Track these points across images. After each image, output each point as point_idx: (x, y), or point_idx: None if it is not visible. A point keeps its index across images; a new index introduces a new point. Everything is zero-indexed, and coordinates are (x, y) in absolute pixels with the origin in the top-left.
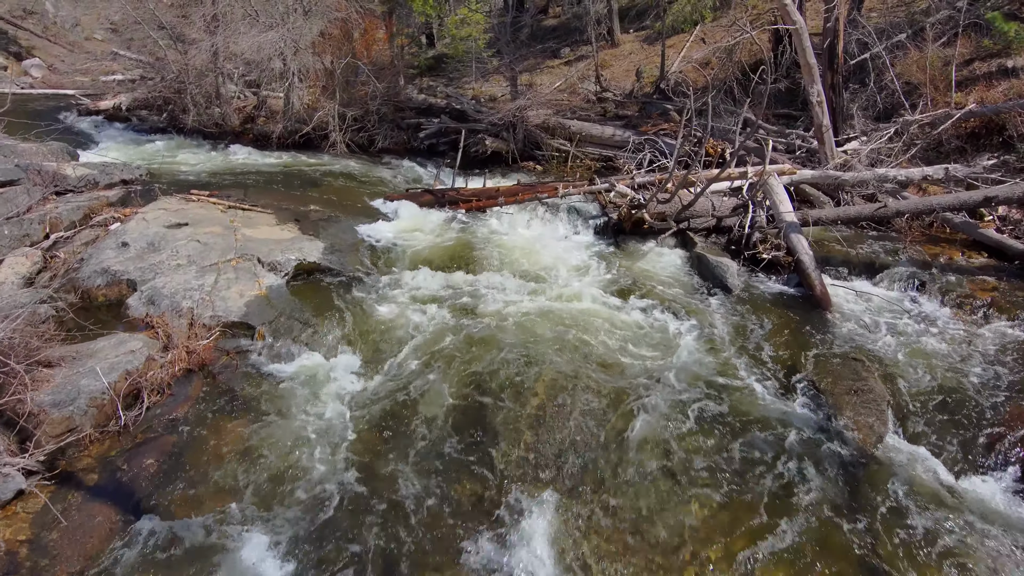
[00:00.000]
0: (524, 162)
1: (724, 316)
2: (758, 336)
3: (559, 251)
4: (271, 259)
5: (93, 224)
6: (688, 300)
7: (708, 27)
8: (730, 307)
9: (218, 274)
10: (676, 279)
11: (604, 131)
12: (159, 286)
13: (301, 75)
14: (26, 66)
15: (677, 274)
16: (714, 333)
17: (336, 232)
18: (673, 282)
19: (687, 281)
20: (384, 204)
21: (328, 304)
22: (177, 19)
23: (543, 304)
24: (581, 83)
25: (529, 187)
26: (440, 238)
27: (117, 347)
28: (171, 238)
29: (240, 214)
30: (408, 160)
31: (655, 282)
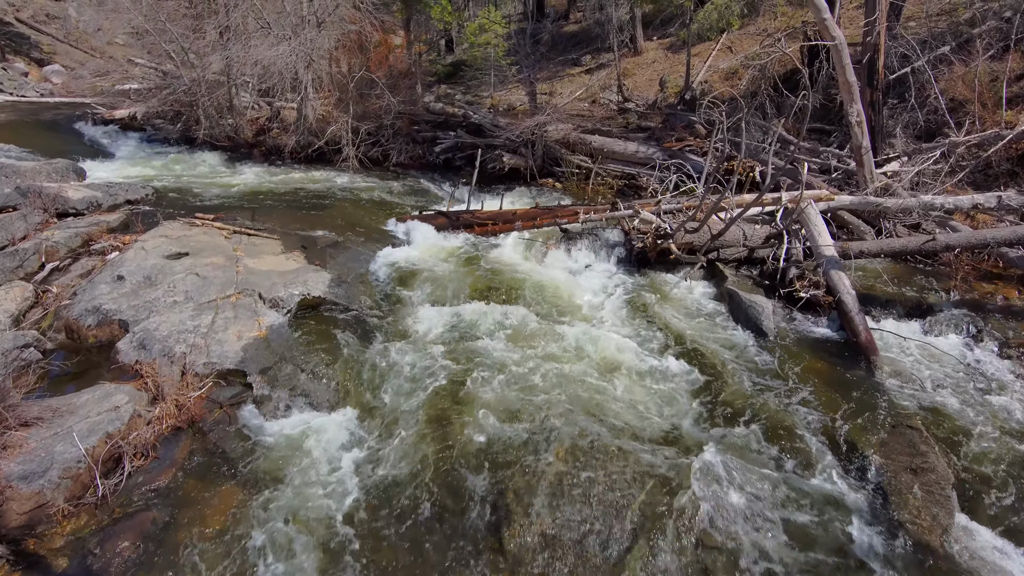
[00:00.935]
0: (543, 179)
1: (759, 366)
2: (799, 393)
3: (580, 284)
4: (273, 294)
5: (92, 252)
6: (720, 347)
7: (735, 35)
8: (766, 355)
9: (216, 313)
10: (706, 320)
11: (627, 147)
12: (152, 328)
13: (314, 87)
14: (46, 72)
15: (707, 313)
16: (749, 388)
17: (344, 261)
18: (703, 323)
19: (719, 322)
20: (396, 226)
21: (331, 347)
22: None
23: (563, 351)
24: (602, 92)
25: (548, 211)
26: (453, 267)
27: (101, 402)
28: (169, 271)
29: (245, 240)
30: (423, 175)
31: (684, 323)
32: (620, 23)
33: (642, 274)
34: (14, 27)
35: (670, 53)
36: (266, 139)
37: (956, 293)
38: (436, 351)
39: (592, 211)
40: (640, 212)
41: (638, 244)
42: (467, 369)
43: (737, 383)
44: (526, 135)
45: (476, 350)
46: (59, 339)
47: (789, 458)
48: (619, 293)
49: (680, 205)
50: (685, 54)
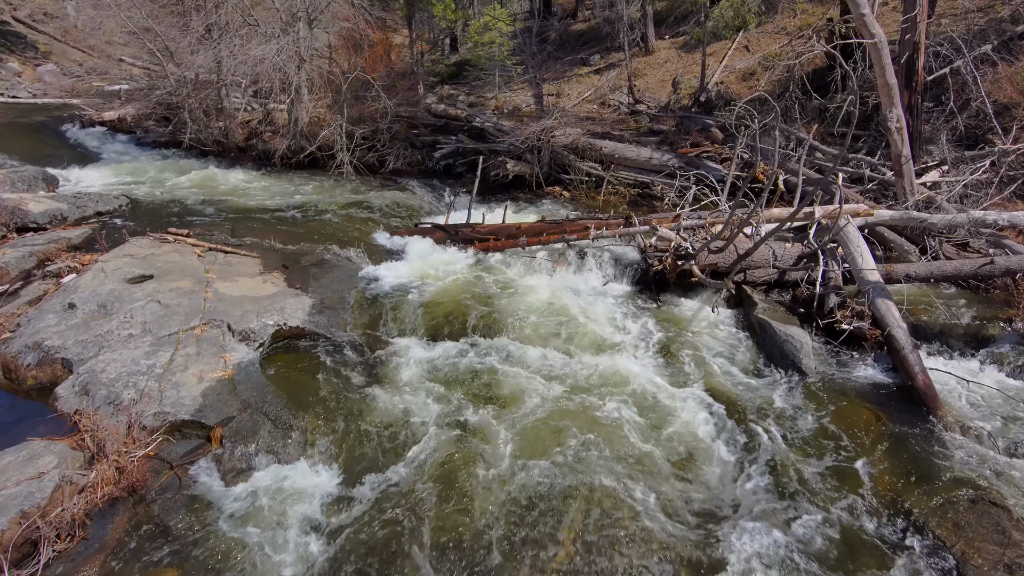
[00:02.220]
0: (550, 187)
1: (798, 416)
2: (846, 452)
3: (591, 309)
4: (244, 325)
5: (46, 274)
6: (752, 389)
7: (752, 34)
8: (806, 400)
9: (176, 349)
10: (734, 354)
11: (640, 153)
12: (98, 368)
13: (307, 89)
14: (41, 72)
15: (735, 345)
16: (787, 444)
17: (329, 282)
18: (731, 359)
19: (748, 358)
20: (390, 240)
21: (307, 390)
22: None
23: (572, 391)
24: (612, 94)
25: (555, 225)
26: (450, 288)
27: (23, 466)
28: (128, 297)
29: (220, 259)
30: (421, 183)
31: (709, 358)
32: (631, 21)
33: (660, 298)
34: (11, 26)
35: (683, 53)
36: (257, 143)
37: (1020, 323)
38: (428, 394)
39: (604, 226)
40: (658, 229)
41: (655, 264)
42: (462, 419)
43: (772, 436)
44: (532, 140)
45: (473, 392)
46: None
47: (840, 541)
48: (634, 320)
49: (702, 221)
50: (699, 54)
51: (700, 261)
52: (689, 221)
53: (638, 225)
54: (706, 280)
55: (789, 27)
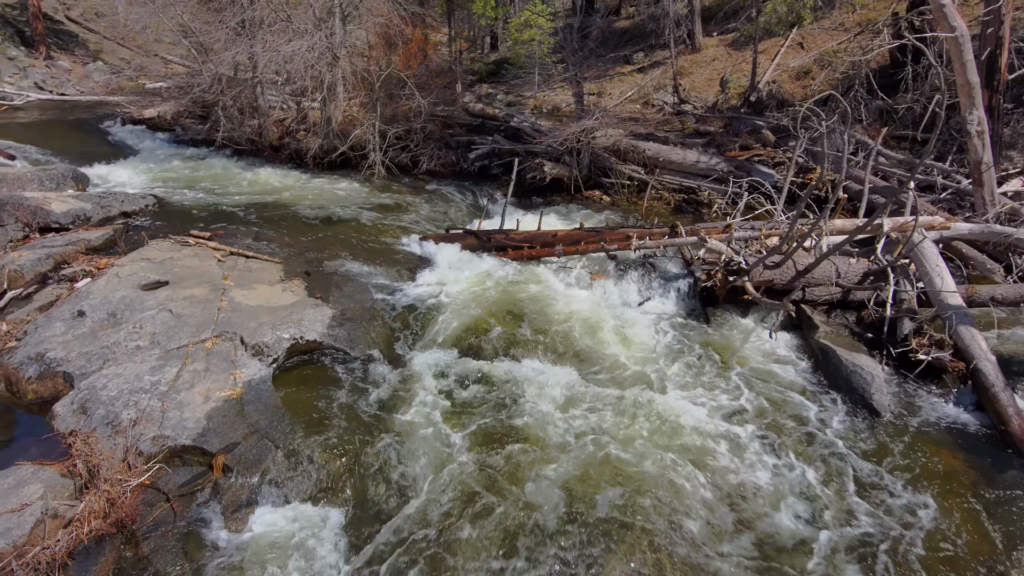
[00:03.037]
0: (589, 191)
1: (871, 461)
2: (929, 509)
3: (630, 326)
4: (257, 339)
5: (61, 278)
6: (816, 429)
7: (807, 30)
8: (879, 444)
9: (183, 364)
10: (793, 383)
11: (686, 157)
12: (99, 385)
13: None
14: (89, 70)
15: (793, 374)
16: (861, 499)
17: (352, 291)
18: (789, 389)
19: (810, 390)
20: (419, 246)
21: (320, 412)
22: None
23: (614, 426)
24: (655, 93)
25: (594, 234)
26: (480, 301)
27: (7, 496)
28: (139, 305)
29: (239, 265)
30: (455, 185)
31: (765, 389)
32: (677, 17)
33: (708, 316)
34: (64, 25)
35: (732, 50)
36: (290, 142)
37: None
38: (450, 424)
39: (647, 236)
40: (707, 240)
41: (701, 276)
42: (486, 458)
43: (842, 488)
44: (571, 142)
45: (500, 426)
46: None
47: None
48: (680, 342)
49: (756, 232)
50: (749, 51)
51: (754, 277)
52: (742, 232)
53: (684, 235)
54: (761, 300)
55: (848, 23)
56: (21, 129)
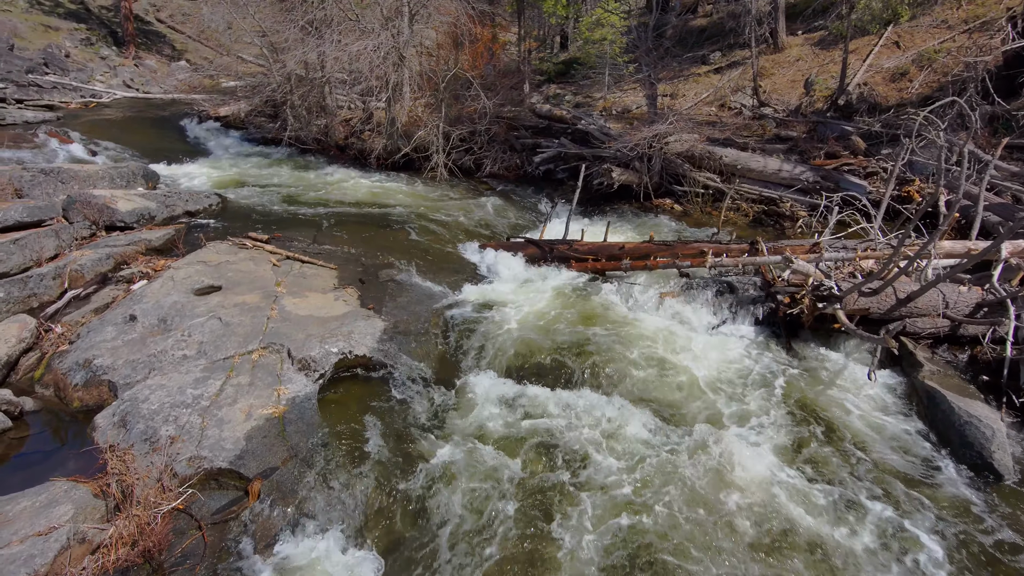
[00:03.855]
0: (659, 199)
1: (992, 537)
2: None
3: (703, 354)
4: (305, 353)
5: (119, 279)
6: (923, 492)
7: (904, 28)
8: (1005, 517)
9: (228, 377)
10: (892, 432)
11: (767, 165)
12: (142, 397)
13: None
14: (173, 69)
15: (893, 420)
16: None
17: (407, 301)
18: (888, 439)
19: (913, 439)
20: (479, 254)
21: (363, 437)
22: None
23: (687, 476)
24: (733, 95)
25: (665, 248)
26: (539, 317)
27: (37, 515)
28: (190, 312)
29: (294, 270)
30: (518, 189)
31: (857, 436)
32: (759, 15)
33: (791, 346)
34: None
35: (818, 50)
36: (355, 142)
37: None
38: (504, 464)
39: (724, 252)
40: (793, 261)
41: (785, 301)
42: (544, 507)
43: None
44: (643, 148)
45: (561, 469)
46: (47, 395)
47: None
48: (760, 374)
49: (850, 254)
50: (837, 51)
51: (848, 305)
52: (833, 253)
53: (767, 254)
54: (857, 332)
55: (951, 19)
56: (106, 125)
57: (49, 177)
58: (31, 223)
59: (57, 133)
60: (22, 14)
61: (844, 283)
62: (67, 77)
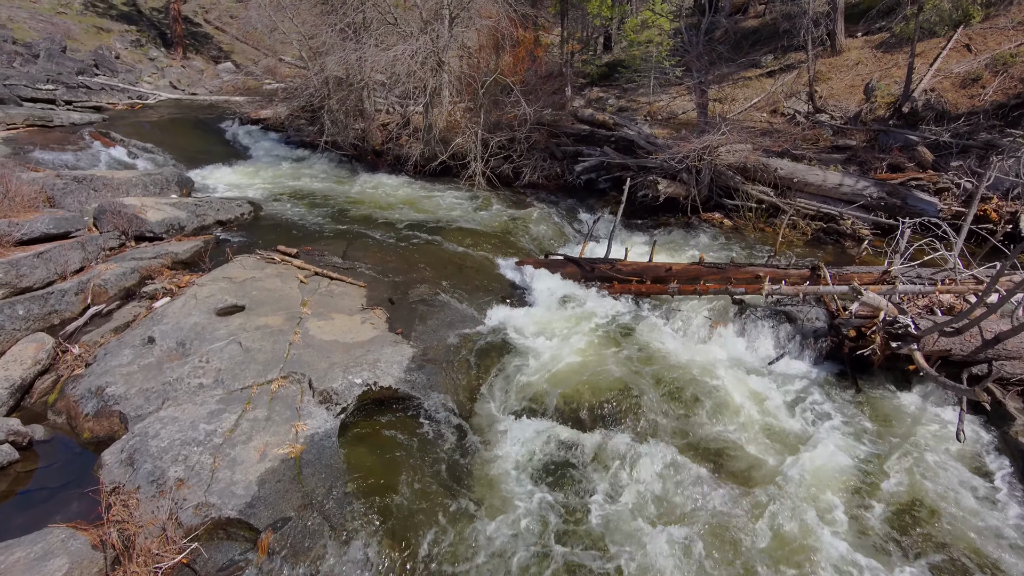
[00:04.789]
0: (707, 213)
1: None
2: None
3: (758, 395)
4: (327, 384)
5: (142, 295)
6: None
7: (976, 30)
8: None
9: (244, 409)
10: (983, 498)
11: (826, 178)
12: (152, 432)
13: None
14: (219, 70)
15: (981, 483)
16: None
17: (436, 324)
18: (978, 508)
19: (1010, 513)
20: (515, 272)
21: (386, 482)
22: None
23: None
24: (787, 100)
25: (716, 271)
26: (578, 348)
27: (29, 569)
28: (210, 334)
29: (322, 288)
30: (558, 199)
31: (941, 503)
32: (815, 15)
33: (859, 386)
34: (201, 27)
35: (879, 53)
36: (392, 148)
37: None
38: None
39: (783, 279)
40: (863, 293)
41: (850, 335)
42: None
43: None
44: (693, 159)
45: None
46: (59, 423)
47: None
48: (822, 421)
49: (929, 287)
50: (900, 54)
51: (927, 346)
52: (909, 287)
53: (831, 282)
54: (940, 380)
55: None
56: (149, 127)
57: (82, 185)
58: (58, 235)
59: (101, 135)
60: (76, 16)
61: (922, 320)
62: (116, 78)
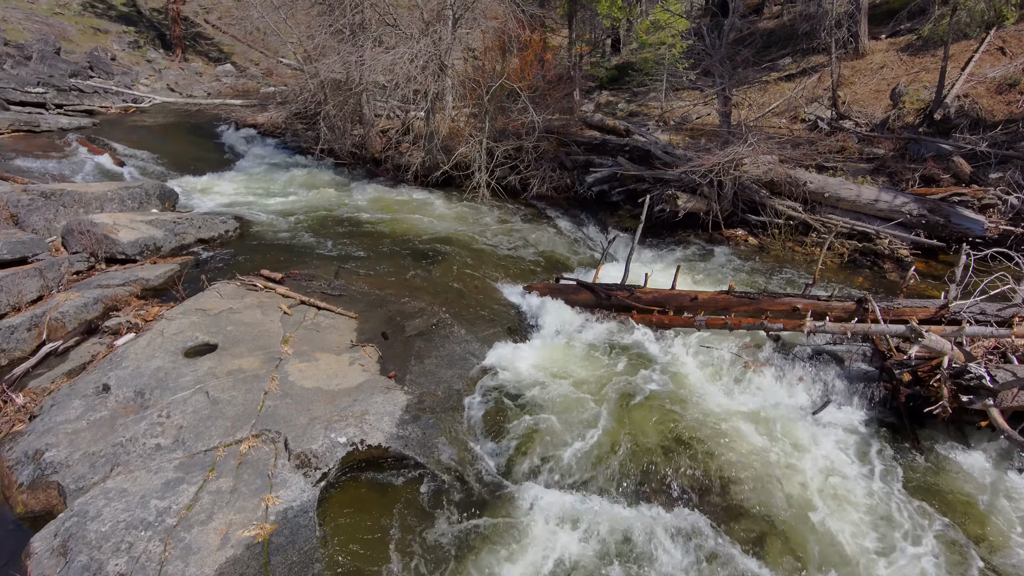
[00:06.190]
0: (730, 229)
1: None
2: None
3: (806, 453)
4: (305, 445)
5: (103, 330)
6: None
7: (1010, 31)
8: None
9: (206, 479)
10: None
11: (861, 193)
12: (93, 511)
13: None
14: (218, 72)
15: None
16: None
17: (435, 364)
18: None
19: None
20: (522, 298)
21: (374, 571)
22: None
23: None
24: (808, 106)
25: (748, 301)
26: (595, 391)
27: None
28: (174, 381)
29: (308, 320)
30: (568, 213)
31: None
32: (837, 16)
33: (919, 441)
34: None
35: (906, 56)
36: (392, 155)
37: None
38: None
39: (826, 312)
40: (925, 335)
41: (904, 379)
42: None
43: None
44: (718, 174)
45: None
46: None
47: None
48: (881, 487)
49: (1003, 331)
50: (928, 57)
51: (1005, 401)
52: (978, 328)
53: (881, 318)
54: (1015, 436)
55: None
56: (141, 132)
57: (50, 201)
58: (13, 261)
59: (88, 141)
60: (74, 17)
61: (996, 369)
62: (111, 81)
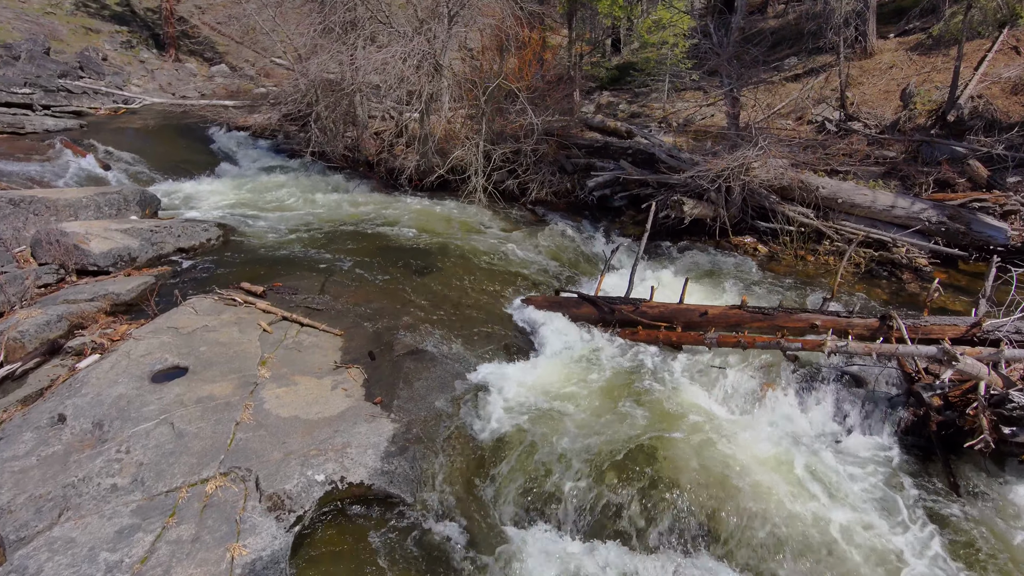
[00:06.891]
0: (738, 237)
1: None
2: None
3: (832, 488)
4: (279, 485)
5: (66, 351)
6: None
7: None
8: None
9: (165, 526)
10: None
11: (876, 199)
12: (33, 568)
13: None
14: (212, 72)
15: None
16: None
17: (425, 388)
18: None
19: None
20: (520, 311)
21: None
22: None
23: None
24: (815, 107)
25: (762, 317)
26: (600, 419)
27: None
28: (137, 411)
29: (289, 338)
30: (569, 219)
31: None
32: (845, 15)
33: (952, 474)
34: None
35: (915, 55)
36: (386, 158)
37: None
38: None
39: (847, 329)
40: (959, 359)
41: (935, 403)
42: None
43: None
44: (726, 177)
45: None
46: None
47: None
48: (916, 529)
49: None
50: (938, 57)
51: None
52: (1016, 351)
53: (907, 337)
54: None
55: None
56: (130, 134)
57: (19, 209)
58: None
59: (73, 144)
60: (66, 16)
61: None
62: (102, 81)
